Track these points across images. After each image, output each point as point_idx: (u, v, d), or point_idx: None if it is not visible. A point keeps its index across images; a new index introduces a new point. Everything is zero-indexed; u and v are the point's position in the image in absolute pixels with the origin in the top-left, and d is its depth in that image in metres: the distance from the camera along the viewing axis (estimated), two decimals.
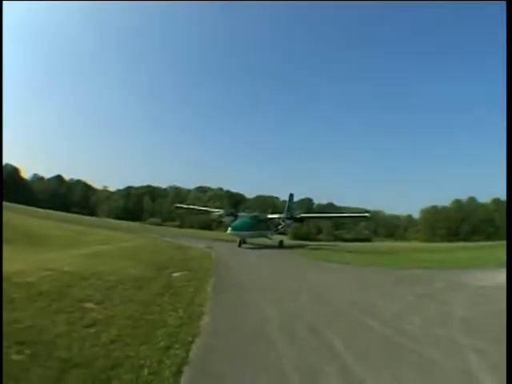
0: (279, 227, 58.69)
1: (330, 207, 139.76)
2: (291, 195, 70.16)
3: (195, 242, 49.66)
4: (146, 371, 7.37)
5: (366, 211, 58.49)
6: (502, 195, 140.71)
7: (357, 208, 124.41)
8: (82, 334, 9.00)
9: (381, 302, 16.21)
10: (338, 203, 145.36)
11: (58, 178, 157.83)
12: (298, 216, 57.98)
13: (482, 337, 11.16)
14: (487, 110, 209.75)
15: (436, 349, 9.96)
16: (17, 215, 50.48)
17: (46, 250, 23.34)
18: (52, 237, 32.21)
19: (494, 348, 9.94)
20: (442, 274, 26.57)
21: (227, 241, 53.76)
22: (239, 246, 47.83)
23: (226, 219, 56.77)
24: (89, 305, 11.79)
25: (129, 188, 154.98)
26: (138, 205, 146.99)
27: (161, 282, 17.49)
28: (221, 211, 59.80)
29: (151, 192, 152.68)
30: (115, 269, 18.97)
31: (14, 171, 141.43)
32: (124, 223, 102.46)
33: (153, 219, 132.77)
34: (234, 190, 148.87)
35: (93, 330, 9.40)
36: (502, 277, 22.72)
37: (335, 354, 9.16)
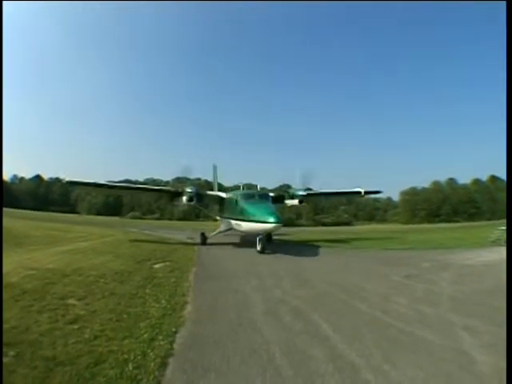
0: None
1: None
2: (215, 167, 54.77)
3: (176, 233, 49.47)
4: (130, 366, 7.19)
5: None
6: (481, 176, 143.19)
7: None
8: (66, 331, 8.83)
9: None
10: (316, 189, 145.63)
11: (38, 177, 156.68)
12: (304, 194, 37.80)
13: (471, 315, 11.13)
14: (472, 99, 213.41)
15: (426, 327, 9.98)
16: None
17: (29, 250, 22.95)
18: (34, 236, 31.83)
19: (484, 326, 9.98)
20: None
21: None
22: (262, 251, 28.64)
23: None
24: (71, 301, 11.62)
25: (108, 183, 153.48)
26: (118, 199, 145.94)
27: (142, 274, 17.28)
28: (186, 190, 34.24)
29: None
30: (96, 264, 18.87)
31: None
32: (104, 219, 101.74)
33: (133, 213, 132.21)
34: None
35: (76, 327, 9.22)
36: (488, 255, 23.11)
37: None
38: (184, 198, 33.92)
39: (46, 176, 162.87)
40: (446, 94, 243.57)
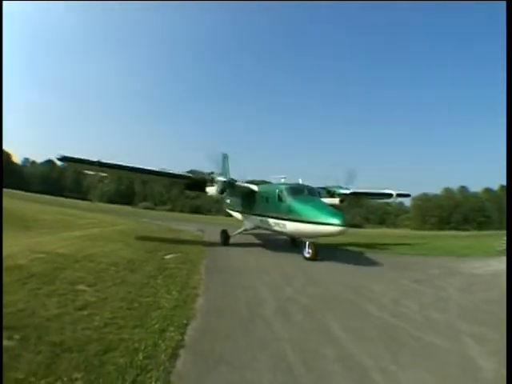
0: None
1: None
2: (225, 156, 44.33)
3: (187, 225, 48.68)
4: (140, 355, 6.98)
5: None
6: (492, 185, 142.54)
7: None
8: (74, 317, 8.60)
9: None
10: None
11: (50, 162, 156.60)
12: (348, 192, 32.29)
13: (479, 323, 10.91)
14: (480, 106, 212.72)
15: (435, 333, 9.74)
16: (9, 199, 49.90)
17: (39, 234, 22.81)
18: (45, 220, 31.63)
19: (491, 334, 9.80)
20: None
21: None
22: (313, 258, 23.46)
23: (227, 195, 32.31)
24: (81, 287, 11.40)
25: None
26: (130, 189, 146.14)
27: (153, 264, 17.07)
28: (219, 178, 28.26)
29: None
30: (107, 251, 18.65)
31: (6, 156, 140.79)
32: (116, 207, 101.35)
33: (144, 203, 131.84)
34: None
35: (85, 313, 9.00)
36: (496, 265, 22.78)
37: None
38: (214, 188, 28.03)
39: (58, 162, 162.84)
40: (447, 96, 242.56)
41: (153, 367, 6.58)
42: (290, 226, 25.28)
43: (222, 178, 27.70)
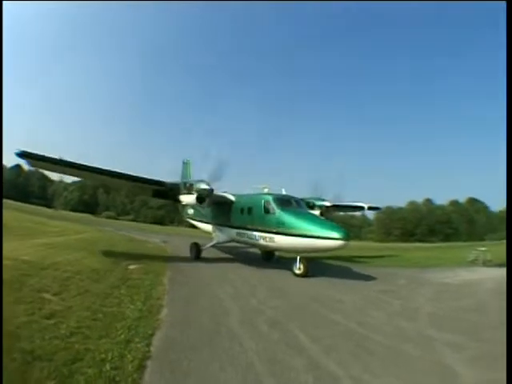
0: None
1: None
2: (187, 163, 41.32)
3: (150, 236, 48.74)
4: (108, 366, 7.07)
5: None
6: (459, 197, 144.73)
7: None
8: (42, 326, 8.68)
9: None
10: None
11: (18, 167, 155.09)
12: (328, 204, 31.66)
13: (451, 331, 11.26)
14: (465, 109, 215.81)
15: (406, 342, 10.08)
16: None
17: (4, 240, 22.66)
18: (10, 227, 31.20)
19: (466, 341, 10.11)
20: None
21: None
22: (304, 274, 22.30)
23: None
24: (47, 295, 11.42)
25: (84, 181, 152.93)
26: (93, 198, 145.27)
27: (117, 274, 17.16)
28: (199, 186, 25.40)
29: (105, 185, 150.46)
30: (72, 260, 18.55)
31: None
32: (79, 215, 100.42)
33: (107, 213, 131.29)
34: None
35: (52, 322, 9.06)
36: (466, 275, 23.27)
37: None
38: (193, 197, 25.06)
39: (25, 167, 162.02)
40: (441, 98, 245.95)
41: (121, 378, 6.66)
42: (281, 240, 23.48)
43: (203, 186, 24.96)
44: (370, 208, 39.26)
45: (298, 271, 22.34)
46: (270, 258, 31.37)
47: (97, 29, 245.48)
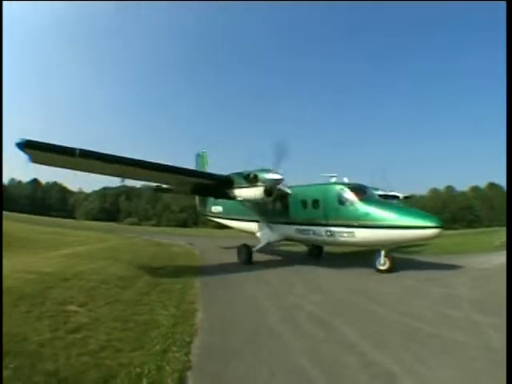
0: None
1: None
2: (202, 155, 38.85)
3: (175, 239, 47.80)
4: (145, 382, 6.30)
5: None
6: (479, 183, 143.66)
7: None
8: (68, 341, 7.86)
9: None
10: None
11: (35, 181, 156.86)
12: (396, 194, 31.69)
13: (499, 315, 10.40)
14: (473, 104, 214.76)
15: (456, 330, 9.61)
16: None
17: (26, 254, 22.03)
18: (31, 240, 30.81)
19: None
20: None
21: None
22: (389, 269, 20.71)
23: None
24: (72, 307, 10.65)
25: (105, 189, 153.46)
26: (115, 205, 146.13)
27: (146, 280, 16.44)
28: (265, 176, 22.17)
29: (127, 192, 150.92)
30: (96, 268, 17.76)
31: None
32: (102, 224, 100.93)
33: (130, 219, 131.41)
34: None
35: (79, 336, 8.26)
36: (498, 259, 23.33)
37: None
38: (258, 190, 21.84)
39: (43, 180, 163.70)
40: (444, 96, 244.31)
41: None
42: (364, 234, 21.06)
43: (272, 176, 21.85)
44: (405, 197, 36.65)
45: (382, 267, 20.55)
46: (319, 255, 28.97)
47: (107, 21, 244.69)
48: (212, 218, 37.80)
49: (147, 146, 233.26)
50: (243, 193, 22.67)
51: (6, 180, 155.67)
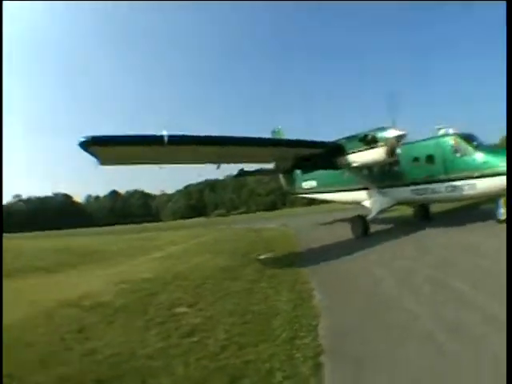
0: None
1: None
2: (278, 131, 38.50)
3: (266, 223, 47.91)
4: (278, 376, 5.90)
5: None
6: None
7: None
8: (184, 347, 7.49)
9: None
10: None
11: (114, 192, 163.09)
12: None
13: None
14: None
15: None
16: (73, 238, 51.31)
17: (114, 264, 22.22)
18: (117, 250, 31.16)
19: None
20: None
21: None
22: None
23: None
24: (181, 309, 10.40)
25: (188, 186, 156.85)
26: (200, 201, 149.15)
27: (251, 267, 16.08)
28: (382, 134, 21.17)
29: (211, 185, 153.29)
30: (197, 265, 17.92)
31: (66, 198, 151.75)
32: (190, 221, 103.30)
33: (217, 211, 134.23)
34: None
35: (195, 339, 7.90)
36: None
37: None
38: (379, 152, 20.74)
39: (122, 191, 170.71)
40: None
41: None
42: (486, 184, 20.17)
43: (393, 133, 20.59)
44: None
45: (503, 217, 19.78)
46: (427, 216, 27.60)
47: (100, 26, 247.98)
48: (303, 195, 37.45)
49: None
50: (359, 158, 21.51)
51: (82, 198, 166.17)
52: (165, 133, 15.82)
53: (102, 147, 15.73)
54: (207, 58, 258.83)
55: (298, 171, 33.68)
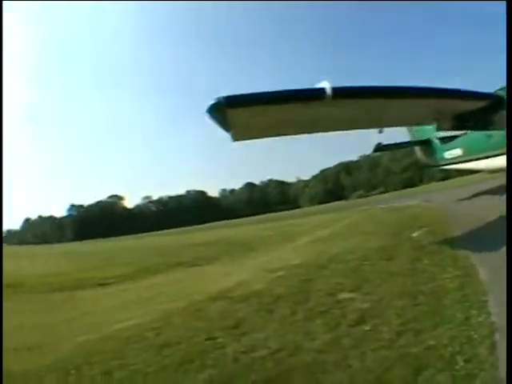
0: None
1: None
2: None
3: (407, 201, 46.75)
4: (459, 361, 5.50)
5: None
6: None
7: None
8: (356, 337, 6.96)
9: None
10: None
11: (249, 184, 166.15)
12: None
13: None
14: None
15: None
16: (212, 230, 52.48)
17: (262, 253, 22.29)
18: (262, 239, 31.40)
19: None
20: None
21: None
22: None
23: None
24: (344, 295, 9.88)
25: (323, 171, 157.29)
26: (337, 184, 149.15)
27: (407, 245, 15.52)
28: None
29: (346, 168, 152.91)
30: (349, 247, 17.51)
31: (200, 194, 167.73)
32: (330, 205, 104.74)
33: (357, 193, 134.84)
34: None
35: (367, 327, 7.36)
36: None
37: None
38: None
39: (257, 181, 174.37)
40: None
41: (478, 371, 5.22)
42: None
43: None
44: None
45: None
46: None
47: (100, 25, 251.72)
48: (447, 167, 35.36)
49: None
50: None
51: (216, 193, 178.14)
52: (326, 84, 12.07)
53: (239, 110, 12.31)
54: None
55: (437, 141, 32.55)
